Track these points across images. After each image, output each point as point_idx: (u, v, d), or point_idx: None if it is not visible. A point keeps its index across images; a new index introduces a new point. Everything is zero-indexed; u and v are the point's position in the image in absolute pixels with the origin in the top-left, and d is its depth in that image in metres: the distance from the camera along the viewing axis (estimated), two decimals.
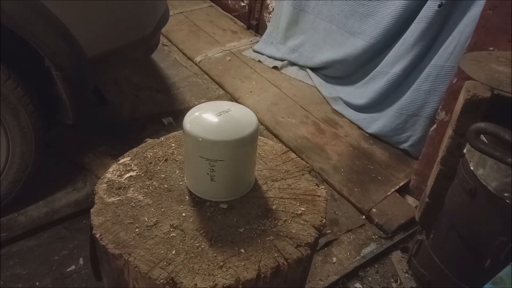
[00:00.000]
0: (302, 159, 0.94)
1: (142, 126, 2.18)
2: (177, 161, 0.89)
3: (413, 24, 2.05)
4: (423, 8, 1.98)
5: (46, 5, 1.36)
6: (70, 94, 1.53)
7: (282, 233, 0.75)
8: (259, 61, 2.81)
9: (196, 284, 0.65)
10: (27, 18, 1.36)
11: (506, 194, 1.14)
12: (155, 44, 2.02)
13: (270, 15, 2.97)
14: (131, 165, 0.86)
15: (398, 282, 1.62)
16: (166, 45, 2.95)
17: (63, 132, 2.01)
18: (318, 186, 0.86)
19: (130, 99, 2.34)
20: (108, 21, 1.60)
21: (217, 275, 0.67)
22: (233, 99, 2.46)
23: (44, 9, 1.37)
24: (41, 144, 1.61)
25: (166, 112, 2.29)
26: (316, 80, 2.61)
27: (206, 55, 2.83)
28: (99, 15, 1.55)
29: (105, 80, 2.37)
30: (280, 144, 0.97)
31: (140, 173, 0.84)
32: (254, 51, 2.89)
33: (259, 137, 0.86)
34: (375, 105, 2.28)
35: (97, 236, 0.72)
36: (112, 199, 0.79)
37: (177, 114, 2.29)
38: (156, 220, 0.75)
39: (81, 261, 1.50)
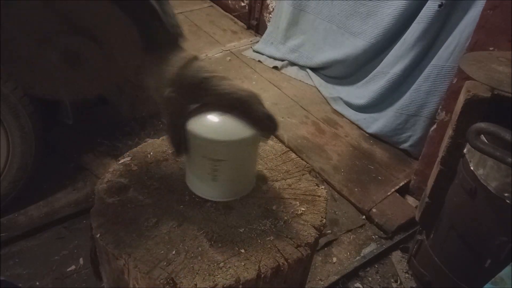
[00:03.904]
0: (302, 159, 0.93)
1: (142, 126, 2.18)
2: (177, 161, 0.89)
3: (413, 24, 2.05)
4: (423, 8, 1.98)
5: None
6: None
7: (282, 233, 0.75)
8: (259, 61, 2.81)
9: (196, 284, 0.64)
10: None
11: (506, 194, 1.14)
12: None
13: (270, 15, 2.97)
14: (131, 165, 0.86)
15: (398, 282, 1.62)
16: None
17: (63, 132, 2.01)
18: (318, 186, 0.86)
19: (130, 99, 2.34)
20: None
21: (217, 275, 0.66)
22: None
23: None
24: (41, 144, 1.61)
25: None
26: (316, 80, 2.61)
27: (206, 55, 2.83)
28: None
29: None
30: (280, 144, 0.97)
31: (140, 173, 0.84)
32: (254, 51, 2.89)
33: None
34: (375, 105, 2.28)
35: (97, 236, 0.72)
36: (112, 199, 0.78)
37: None
38: (156, 220, 0.75)
39: (81, 261, 1.50)
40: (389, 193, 1.93)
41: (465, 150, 1.29)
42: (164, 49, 0.61)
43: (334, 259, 1.67)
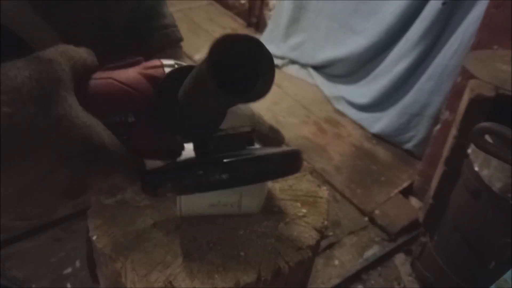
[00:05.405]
0: (304, 159, 0.92)
1: None
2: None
3: (416, 23, 2.04)
4: (427, 6, 1.97)
5: None
6: None
7: (283, 236, 0.73)
8: None
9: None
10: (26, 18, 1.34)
11: (510, 195, 1.13)
12: None
13: (271, 13, 2.95)
14: None
15: (402, 285, 1.60)
16: None
17: None
18: (319, 187, 0.84)
19: None
20: None
21: (216, 278, 0.65)
22: None
23: None
24: None
25: None
26: (318, 78, 2.60)
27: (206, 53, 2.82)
28: None
29: None
30: None
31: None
32: None
33: None
34: (378, 104, 2.27)
35: (94, 238, 0.70)
36: (110, 200, 0.77)
37: None
38: (154, 222, 0.73)
39: (77, 263, 1.49)
40: (392, 194, 1.91)
41: (469, 151, 1.28)
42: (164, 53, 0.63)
43: (336, 262, 1.65)
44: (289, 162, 0.47)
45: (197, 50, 2.84)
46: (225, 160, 0.42)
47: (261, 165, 0.43)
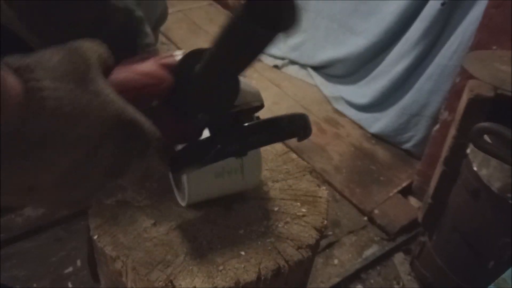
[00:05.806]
0: (303, 159, 0.92)
1: None
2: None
3: (415, 23, 2.04)
4: (426, 6, 1.97)
5: None
6: None
7: (282, 235, 0.73)
8: (259, 59, 2.80)
9: (195, 287, 0.63)
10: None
11: (509, 195, 1.13)
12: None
13: None
14: None
15: (401, 284, 1.60)
16: (165, 44, 2.93)
17: None
18: (319, 187, 0.84)
19: None
20: None
21: (216, 277, 0.65)
22: None
23: None
24: None
25: None
26: (317, 79, 2.60)
27: None
28: None
29: None
30: (280, 144, 0.95)
31: (139, 174, 0.83)
32: None
33: None
34: (377, 105, 2.27)
35: (95, 237, 0.70)
36: (110, 200, 0.77)
37: None
38: (155, 222, 0.74)
39: (78, 262, 1.49)
40: (391, 194, 1.92)
41: (468, 150, 1.28)
42: None
43: (336, 261, 1.65)
44: (297, 122, 0.52)
45: None
46: (239, 128, 0.48)
47: (272, 126, 0.50)
